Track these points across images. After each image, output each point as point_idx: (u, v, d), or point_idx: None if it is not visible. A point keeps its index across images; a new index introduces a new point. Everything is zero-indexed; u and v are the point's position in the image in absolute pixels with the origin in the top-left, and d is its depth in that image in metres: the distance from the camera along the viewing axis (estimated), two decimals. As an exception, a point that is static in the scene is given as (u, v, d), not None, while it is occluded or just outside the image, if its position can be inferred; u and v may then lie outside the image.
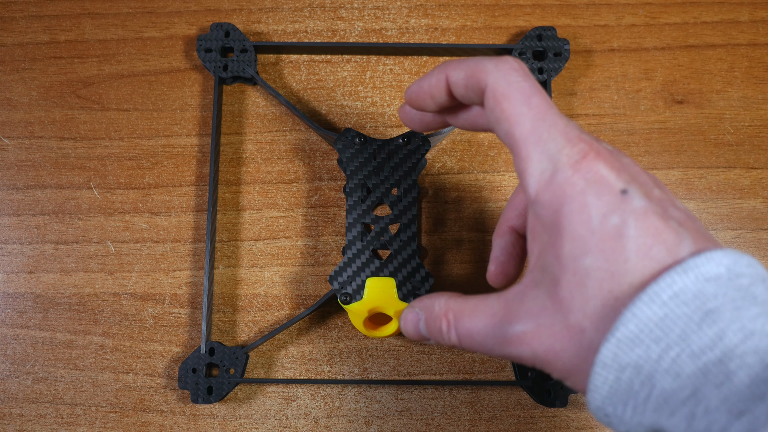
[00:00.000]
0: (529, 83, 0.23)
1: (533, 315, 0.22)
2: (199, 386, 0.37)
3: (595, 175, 0.21)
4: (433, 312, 0.26)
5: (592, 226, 0.21)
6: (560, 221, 0.22)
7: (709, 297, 0.19)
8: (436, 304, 0.26)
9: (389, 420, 0.39)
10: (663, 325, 0.19)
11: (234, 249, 0.41)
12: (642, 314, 0.19)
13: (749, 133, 0.42)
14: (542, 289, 0.22)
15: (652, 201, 0.21)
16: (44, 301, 0.40)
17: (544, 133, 0.22)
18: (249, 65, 0.41)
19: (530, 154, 0.22)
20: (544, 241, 0.22)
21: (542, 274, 0.22)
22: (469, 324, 0.24)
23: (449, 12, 0.44)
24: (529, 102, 0.23)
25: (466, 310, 0.25)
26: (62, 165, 0.42)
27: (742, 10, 0.44)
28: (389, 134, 0.42)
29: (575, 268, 0.21)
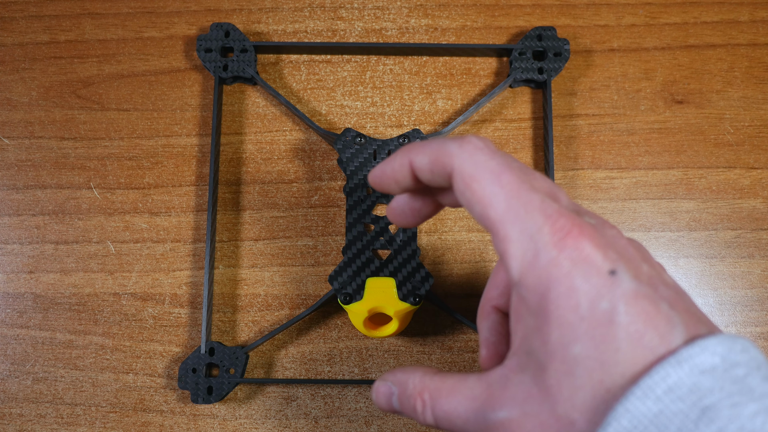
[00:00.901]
0: (496, 161, 0.22)
1: (518, 402, 0.21)
2: (199, 386, 0.37)
3: (581, 255, 0.20)
4: (407, 389, 0.24)
5: (580, 312, 0.20)
6: (547, 306, 0.20)
7: (705, 392, 0.18)
8: (410, 380, 0.24)
9: (389, 420, 0.39)
10: (658, 422, 0.18)
11: (234, 249, 0.41)
12: (635, 410, 0.18)
13: (749, 133, 0.42)
14: (527, 375, 0.21)
15: (641, 282, 0.20)
16: (44, 301, 0.40)
17: (520, 211, 0.21)
18: (249, 65, 0.41)
19: (509, 234, 0.21)
20: (530, 324, 0.21)
21: (528, 359, 0.21)
22: (447, 406, 0.23)
23: (449, 12, 0.44)
24: (499, 180, 0.21)
25: (444, 390, 0.23)
26: (62, 165, 0.42)
27: (742, 10, 0.44)
28: (389, 134, 0.42)
29: (564, 356, 0.20)
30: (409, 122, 0.42)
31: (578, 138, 0.42)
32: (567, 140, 0.42)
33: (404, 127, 0.42)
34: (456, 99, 0.43)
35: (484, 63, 0.43)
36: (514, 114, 0.42)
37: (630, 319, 0.19)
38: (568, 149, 0.42)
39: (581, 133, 0.42)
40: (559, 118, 0.42)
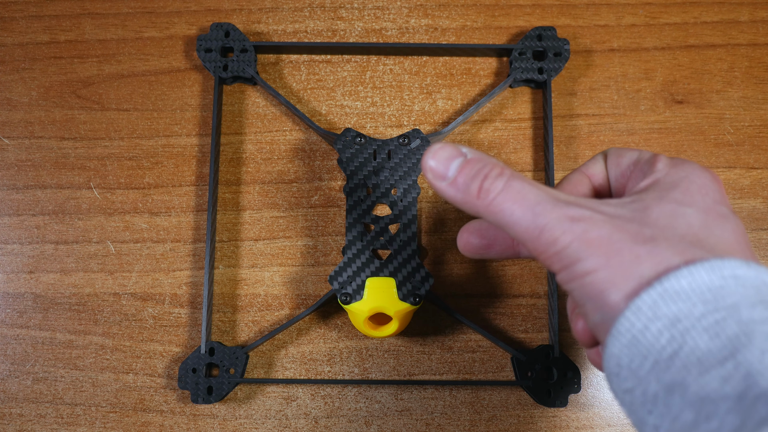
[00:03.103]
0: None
1: (597, 207, 0.22)
2: (199, 386, 0.37)
3: (716, 176, 0.24)
4: (484, 160, 0.24)
5: (706, 202, 0.23)
6: (679, 185, 0.23)
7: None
8: (489, 157, 0.24)
9: (389, 420, 0.39)
10: (717, 293, 0.19)
11: (234, 249, 0.41)
12: (699, 277, 0.19)
13: (749, 133, 0.42)
14: (627, 201, 0.23)
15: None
16: (44, 301, 0.40)
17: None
18: (249, 65, 0.41)
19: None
20: (651, 180, 0.24)
21: (637, 198, 0.23)
22: (521, 187, 0.23)
23: (449, 12, 0.44)
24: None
25: (520, 177, 0.23)
26: (62, 165, 0.42)
27: (742, 10, 0.44)
28: (389, 134, 0.42)
29: (673, 207, 0.22)
30: (409, 122, 0.42)
31: (578, 138, 0.42)
32: (567, 140, 0.42)
33: (404, 127, 0.42)
34: (456, 99, 0.43)
35: (484, 63, 0.43)
36: (514, 114, 0.42)
37: (734, 225, 0.22)
38: (568, 149, 0.42)
39: (581, 133, 0.42)
40: (559, 118, 0.42)
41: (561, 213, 0.22)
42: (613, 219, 0.22)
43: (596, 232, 0.21)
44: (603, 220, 0.22)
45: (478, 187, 0.23)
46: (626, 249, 0.21)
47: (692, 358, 0.19)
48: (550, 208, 0.22)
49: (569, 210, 0.22)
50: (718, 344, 0.18)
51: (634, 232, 0.21)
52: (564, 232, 0.21)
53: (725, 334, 0.18)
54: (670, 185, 0.23)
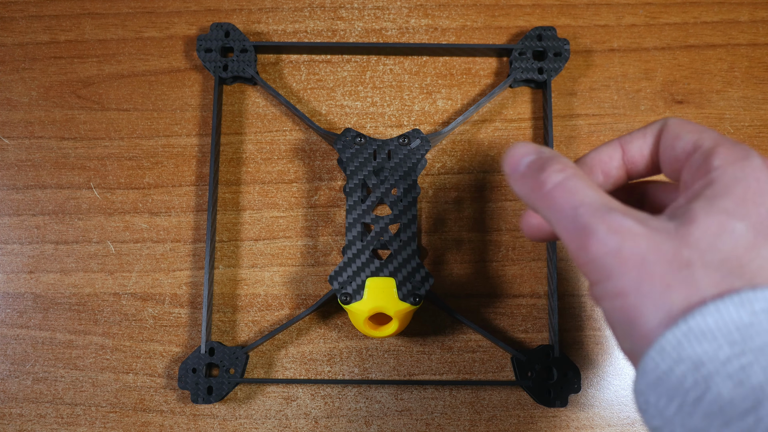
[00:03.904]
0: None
1: (642, 219, 0.21)
2: (199, 386, 0.37)
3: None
4: (553, 157, 0.23)
5: (761, 214, 0.20)
6: (733, 190, 0.21)
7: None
8: (560, 156, 0.24)
9: (389, 420, 0.39)
10: (745, 332, 0.18)
11: (234, 249, 0.41)
12: (727, 314, 0.18)
13: (749, 133, 0.42)
14: (677, 209, 0.21)
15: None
16: (44, 301, 0.40)
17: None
18: (249, 65, 0.41)
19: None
20: (699, 187, 0.21)
21: (679, 208, 0.21)
22: (575, 186, 0.22)
23: (449, 12, 0.44)
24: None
25: (582, 177, 0.23)
26: (62, 165, 0.42)
27: (742, 10, 0.44)
28: (389, 134, 0.42)
29: (722, 221, 0.20)
30: (409, 122, 0.42)
31: (578, 138, 0.42)
32: (567, 140, 0.42)
33: (404, 127, 0.42)
34: (456, 99, 0.43)
35: (484, 63, 0.43)
36: (514, 114, 0.42)
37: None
38: (568, 149, 0.42)
39: (581, 133, 0.42)
40: (559, 118, 0.42)
41: (601, 219, 0.21)
42: (654, 234, 0.20)
43: (631, 249, 0.20)
44: (642, 235, 0.20)
45: (537, 179, 0.23)
46: (659, 274, 0.19)
47: (715, 407, 0.18)
48: (593, 211, 0.21)
49: (611, 218, 0.21)
50: (742, 393, 0.17)
51: (672, 254, 0.20)
52: (598, 241, 0.20)
53: (749, 383, 0.17)
54: (724, 189, 0.21)
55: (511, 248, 0.41)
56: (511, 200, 0.41)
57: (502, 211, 0.41)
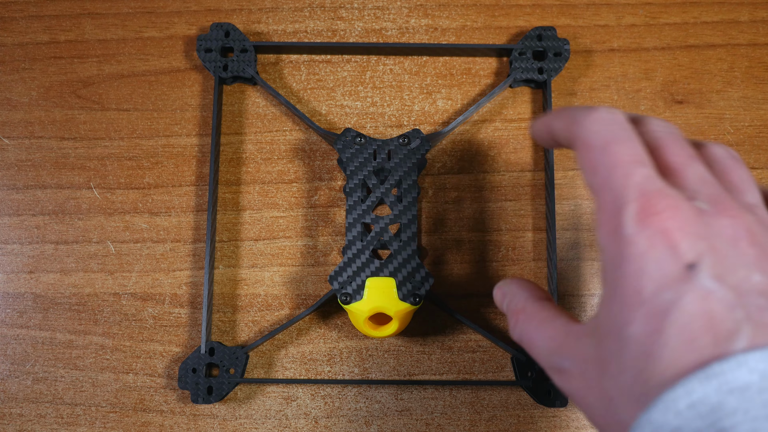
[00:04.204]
0: (611, 130, 0.22)
1: (579, 359, 0.22)
2: (199, 386, 0.37)
3: (662, 238, 0.19)
4: (513, 304, 0.27)
5: (643, 296, 0.19)
6: (617, 280, 0.20)
7: (727, 413, 0.17)
8: (517, 297, 0.27)
9: (389, 420, 0.39)
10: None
11: (234, 249, 0.41)
12: (656, 421, 0.18)
13: (749, 133, 0.42)
14: (594, 339, 0.22)
15: (722, 283, 0.19)
16: (44, 301, 0.40)
17: (618, 183, 0.21)
18: (249, 65, 0.41)
19: (602, 204, 0.21)
20: (604, 290, 0.21)
21: (596, 324, 0.22)
22: (532, 334, 0.25)
23: (449, 12, 0.44)
24: (607, 151, 0.21)
25: (536, 319, 0.25)
26: (62, 165, 0.42)
27: (742, 10, 0.44)
28: (389, 134, 0.42)
29: (618, 333, 0.20)
30: (409, 122, 0.42)
31: (578, 138, 0.42)
32: (567, 140, 0.42)
33: (404, 127, 0.42)
34: (456, 99, 0.43)
35: (484, 63, 0.43)
36: (514, 114, 0.42)
37: (688, 318, 0.18)
38: (568, 149, 0.42)
39: (581, 133, 0.42)
40: (559, 118, 0.42)
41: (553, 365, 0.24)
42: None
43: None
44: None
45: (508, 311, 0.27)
46: (600, 390, 0.21)
47: None
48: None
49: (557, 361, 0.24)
50: None
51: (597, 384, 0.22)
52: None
53: None
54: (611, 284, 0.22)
55: (511, 248, 0.41)
56: (511, 200, 0.41)
57: (502, 211, 0.41)
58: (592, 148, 0.22)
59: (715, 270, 0.19)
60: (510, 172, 0.42)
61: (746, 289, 0.19)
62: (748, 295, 0.19)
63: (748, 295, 0.19)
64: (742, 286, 0.19)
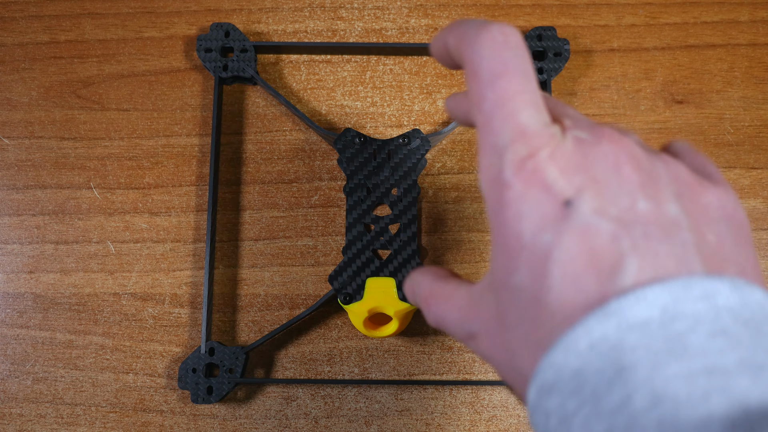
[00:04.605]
0: (502, 61, 0.19)
1: (483, 320, 0.21)
2: (199, 386, 0.37)
3: (538, 178, 0.18)
4: (420, 291, 0.25)
5: (523, 240, 0.18)
6: (499, 228, 0.19)
7: (627, 350, 0.16)
8: (422, 283, 0.25)
9: (389, 420, 0.39)
10: (578, 379, 0.17)
11: (234, 249, 0.41)
12: (557, 364, 0.17)
13: (749, 133, 0.42)
14: (491, 295, 0.20)
15: (604, 216, 0.18)
16: (44, 301, 0.40)
17: (499, 123, 0.19)
18: (249, 65, 0.41)
19: (482, 144, 0.19)
20: (492, 238, 0.20)
21: (491, 278, 0.20)
22: (441, 312, 0.23)
23: (449, 12, 0.44)
24: (494, 84, 0.19)
25: (441, 296, 0.23)
26: (62, 165, 0.42)
27: (742, 10, 0.44)
28: (389, 134, 0.42)
29: (507, 283, 0.19)
30: (409, 122, 0.42)
31: (578, 138, 0.42)
32: (567, 140, 0.42)
33: (404, 127, 0.42)
34: (456, 99, 0.42)
35: (484, 63, 0.43)
36: (514, 114, 0.42)
37: (569, 257, 0.17)
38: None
39: (581, 133, 0.42)
40: (559, 118, 0.42)
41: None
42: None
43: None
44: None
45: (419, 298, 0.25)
46: (503, 344, 0.20)
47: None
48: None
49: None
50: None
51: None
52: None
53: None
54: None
55: (511, 248, 0.41)
56: (511, 200, 0.41)
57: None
58: (479, 79, 0.19)
59: (595, 203, 0.18)
60: (510, 172, 0.42)
61: (631, 218, 0.18)
62: (633, 225, 0.18)
63: (632, 225, 0.18)
64: (625, 216, 0.18)
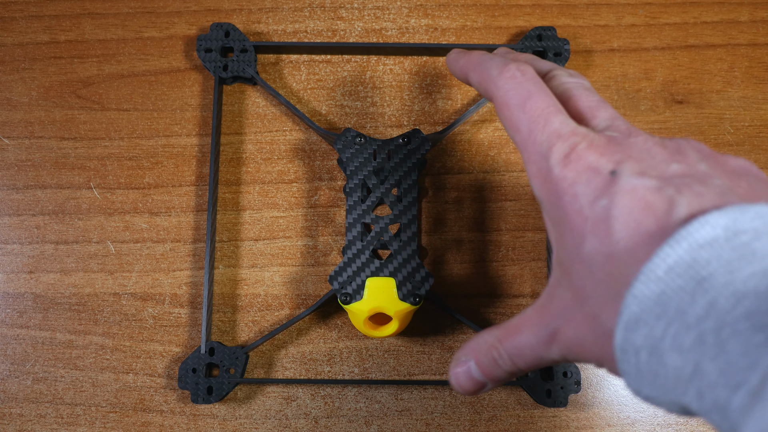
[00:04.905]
0: (525, 88, 0.24)
1: (560, 311, 0.23)
2: (199, 386, 0.37)
3: (584, 164, 0.22)
4: (481, 350, 0.26)
5: (584, 213, 0.21)
6: (560, 215, 0.22)
7: (702, 264, 0.18)
8: (482, 340, 0.26)
9: (389, 420, 0.39)
10: (661, 302, 0.19)
11: (234, 249, 0.41)
12: (641, 294, 0.19)
13: (749, 133, 0.42)
14: (563, 285, 0.23)
15: (644, 175, 0.21)
16: (44, 301, 0.40)
17: (538, 135, 0.23)
18: (249, 65, 0.41)
19: (529, 156, 0.23)
20: (555, 236, 0.23)
21: (560, 269, 0.23)
22: (516, 342, 0.25)
23: (449, 12, 0.44)
24: (524, 107, 0.24)
25: (510, 330, 0.25)
26: (62, 165, 0.42)
27: (742, 10, 0.44)
28: (389, 134, 0.42)
29: (580, 256, 0.21)
30: (409, 122, 0.42)
31: (578, 138, 0.42)
32: (567, 140, 0.42)
33: (404, 127, 0.42)
34: (456, 99, 0.43)
35: (484, 63, 0.43)
36: (514, 114, 0.42)
37: (626, 210, 0.20)
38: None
39: (581, 133, 0.42)
40: (559, 118, 0.42)
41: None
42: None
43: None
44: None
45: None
46: (585, 317, 0.22)
47: (675, 379, 0.19)
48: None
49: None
50: (684, 359, 0.18)
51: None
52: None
53: (685, 348, 0.18)
54: None
55: (511, 248, 0.41)
56: (511, 200, 0.41)
57: (502, 211, 0.41)
58: (510, 107, 0.24)
59: (636, 168, 0.21)
60: (510, 172, 0.42)
61: (669, 175, 0.21)
62: (672, 179, 0.21)
63: (672, 179, 0.21)
64: (663, 174, 0.21)
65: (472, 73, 0.27)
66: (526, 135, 0.24)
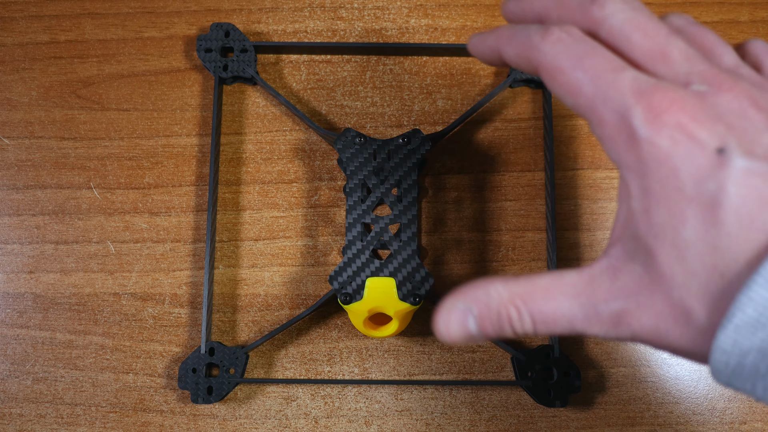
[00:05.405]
0: (577, 48, 0.21)
1: (631, 291, 0.21)
2: (199, 386, 0.37)
3: (682, 132, 0.19)
4: (491, 303, 0.22)
5: (687, 193, 0.19)
6: (651, 187, 0.19)
7: None
8: (493, 292, 0.22)
9: (389, 420, 0.39)
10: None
11: (234, 249, 0.41)
12: (759, 297, 0.17)
13: (749, 133, 0.42)
14: (638, 263, 0.20)
15: (756, 158, 0.18)
16: (44, 301, 0.40)
17: (609, 91, 0.20)
18: (249, 65, 0.41)
19: (602, 118, 0.20)
20: (635, 207, 0.20)
21: (635, 245, 0.20)
22: (548, 307, 0.22)
23: (449, 12, 0.44)
24: (582, 65, 0.21)
25: (537, 290, 0.22)
26: (62, 165, 0.42)
27: (742, 10, 0.44)
28: (389, 134, 0.42)
29: (674, 239, 0.19)
30: (409, 122, 0.42)
31: (578, 138, 0.42)
32: (567, 140, 0.42)
33: (404, 127, 0.42)
34: (456, 99, 0.43)
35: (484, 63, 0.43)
36: (514, 114, 0.42)
37: (740, 201, 0.18)
38: (568, 149, 0.42)
39: (581, 133, 0.42)
40: (559, 118, 0.42)
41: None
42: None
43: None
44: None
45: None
46: (672, 307, 0.20)
47: None
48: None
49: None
50: None
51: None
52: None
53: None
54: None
55: (511, 248, 0.41)
56: (511, 200, 0.41)
57: (502, 211, 0.41)
58: (564, 71, 0.21)
59: (742, 146, 0.19)
60: (510, 172, 0.42)
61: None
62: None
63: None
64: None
65: (507, 47, 0.23)
66: (592, 94, 0.20)
